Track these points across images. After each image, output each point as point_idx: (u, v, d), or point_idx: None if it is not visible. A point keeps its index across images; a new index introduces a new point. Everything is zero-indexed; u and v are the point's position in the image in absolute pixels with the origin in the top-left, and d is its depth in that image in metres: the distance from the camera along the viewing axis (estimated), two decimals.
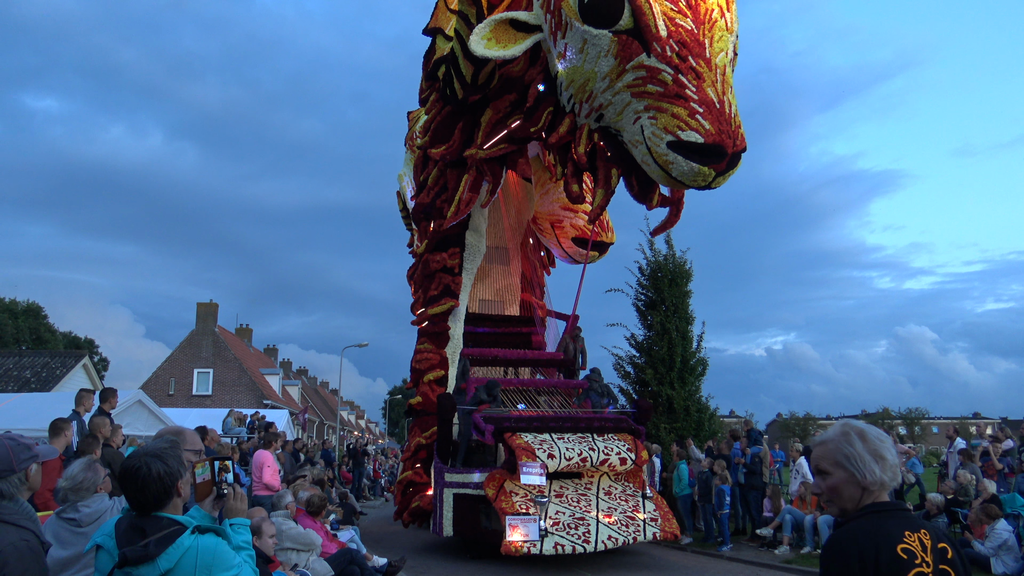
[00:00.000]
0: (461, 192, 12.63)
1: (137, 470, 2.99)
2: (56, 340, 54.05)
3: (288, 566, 7.62)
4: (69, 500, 4.56)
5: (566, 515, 11.11)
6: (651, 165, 9.95)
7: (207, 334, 47.32)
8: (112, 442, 8.62)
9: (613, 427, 12.67)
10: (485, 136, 11.79)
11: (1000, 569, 10.45)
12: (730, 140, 9.57)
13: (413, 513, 13.47)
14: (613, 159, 10.65)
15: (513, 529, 10.48)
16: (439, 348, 13.77)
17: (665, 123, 9.57)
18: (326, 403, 70.83)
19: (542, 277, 18.21)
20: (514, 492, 11.33)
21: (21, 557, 2.91)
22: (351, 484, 24.98)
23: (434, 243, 13.92)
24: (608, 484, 12.21)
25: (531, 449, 11.28)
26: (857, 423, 2.55)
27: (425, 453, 13.48)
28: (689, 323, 23.28)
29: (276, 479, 11.75)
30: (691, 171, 9.54)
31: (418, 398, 13.62)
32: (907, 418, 76.08)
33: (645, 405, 13.62)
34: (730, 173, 9.90)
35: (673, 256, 23.91)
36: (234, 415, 22.89)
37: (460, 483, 12.11)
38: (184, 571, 2.88)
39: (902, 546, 2.25)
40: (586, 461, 11.63)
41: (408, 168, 18.37)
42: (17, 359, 32.44)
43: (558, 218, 16.18)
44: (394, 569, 10.14)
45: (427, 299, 14.10)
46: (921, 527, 2.33)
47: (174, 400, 42.53)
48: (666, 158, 9.61)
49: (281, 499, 9.12)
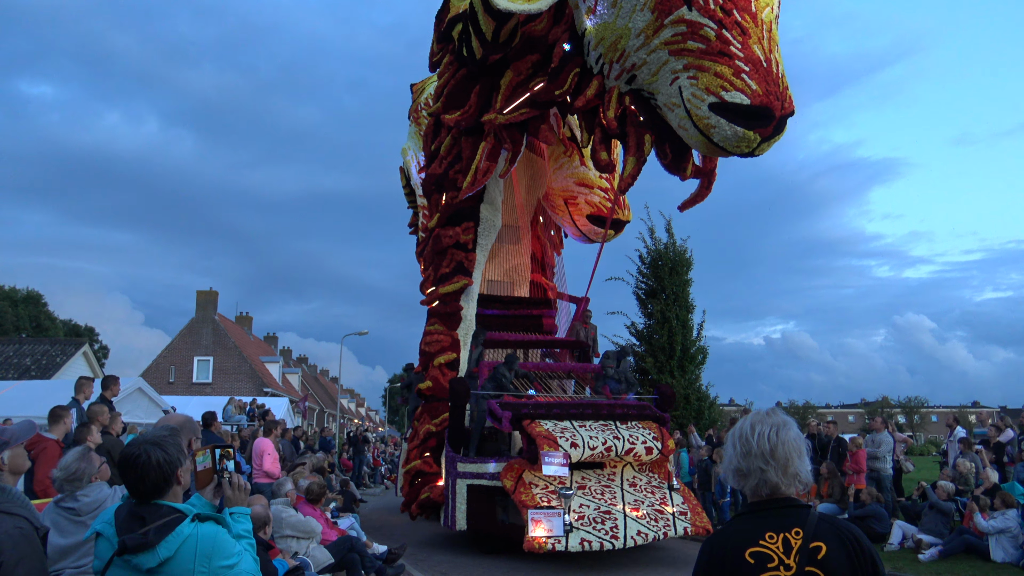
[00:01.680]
0: (478, 161, 11.51)
1: (136, 458, 2.93)
2: (56, 328, 53.56)
3: (288, 553, 7.53)
4: (65, 490, 4.49)
5: (591, 509, 10.10)
6: (689, 130, 8.96)
7: (207, 322, 46.83)
8: (112, 430, 8.49)
9: (636, 414, 11.66)
10: (505, 100, 10.70)
11: (1000, 556, 10.11)
12: (778, 102, 8.62)
13: (422, 505, 12.35)
14: (645, 124, 9.62)
15: (536, 524, 9.47)
16: (450, 330, 12.68)
17: (707, 83, 8.59)
18: (326, 391, 70.01)
19: (552, 258, 17.15)
20: (534, 484, 10.33)
21: (16, 544, 2.84)
22: (351, 472, 24.46)
23: (446, 217, 12.74)
24: (632, 475, 11.22)
25: (552, 438, 10.28)
26: (762, 412, 2.39)
27: (435, 441, 12.39)
28: (689, 311, 23.22)
29: (276, 467, 11.55)
30: (734, 136, 8.58)
31: (428, 383, 12.49)
32: (906, 407, 75.48)
33: (668, 391, 12.56)
34: (775, 139, 8.94)
35: (673, 244, 23.55)
36: (234, 403, 22.54)
37: (474, 473, 11.09)
38: (183, 559, 2.81)
39: (753, 550, 2.14)
40: (611, 450, 10.63)
41: (413, 141, 17.35)
42: (17, 347, 32.02)
43: (572, 194, 15.05)
44: (394, 556, 9.81)
45: (438, 277, 12.96)
46: (795, 526, 2.17)
47: (174, 388, 41.93)
48: (707, 121, 8.63)
49: (281, 487, 8.98)
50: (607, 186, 14.76)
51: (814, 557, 2.11)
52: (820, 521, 2.18)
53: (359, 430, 40.82)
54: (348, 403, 77.33)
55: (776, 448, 2.24)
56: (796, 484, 2.27)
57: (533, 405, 11.40)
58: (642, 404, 12.27)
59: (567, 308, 16.76)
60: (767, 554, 2.13)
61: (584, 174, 14.81)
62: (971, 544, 10.53)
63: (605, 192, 14.76)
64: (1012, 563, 9.95)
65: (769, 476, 2.23)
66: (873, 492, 12.34)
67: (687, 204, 10.81)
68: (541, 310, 15.94)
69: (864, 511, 11.86)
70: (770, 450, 2.24)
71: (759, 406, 38.78)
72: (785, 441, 2.25)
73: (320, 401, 61.03)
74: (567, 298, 16.55)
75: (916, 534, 11.13)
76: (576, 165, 14.87)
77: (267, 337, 60.88)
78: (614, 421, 11.32)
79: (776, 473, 2.22)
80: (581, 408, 11.49)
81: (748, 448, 2.27)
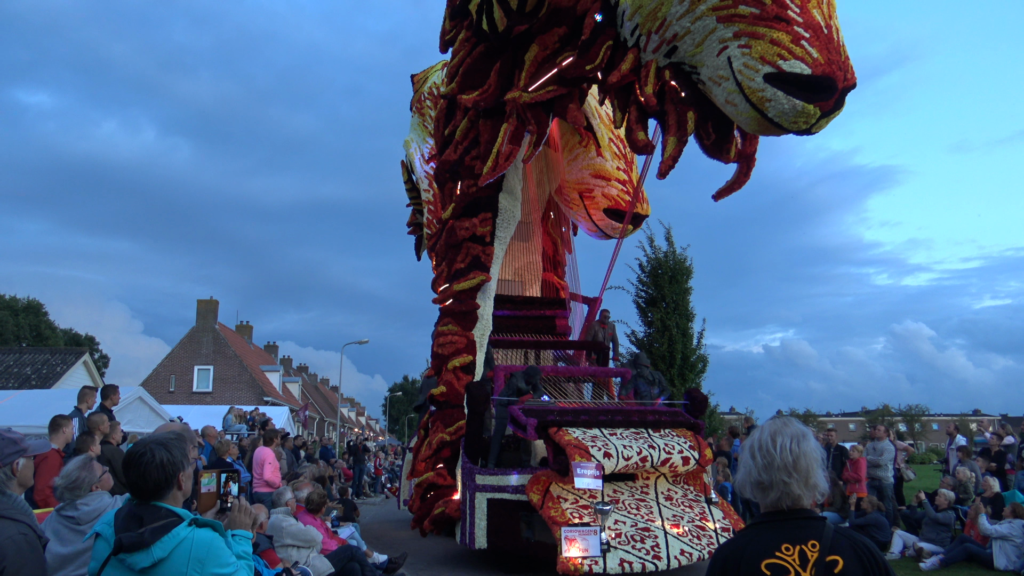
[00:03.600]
0: (499, 144, 10.30)
1: (141, 456, 2.96)
2: (56, 337, 53.13)
3: (289, 563, 7.47)
4: (66, 499, 4.47)
5: (627, 525, 8.92)
6: (739, 105, 7.87)
7: (207, 331, 46.26)
8: (112, 439, 8.35)
9: (670, 421, 10.50)
10: (530, 77, 9.53)
11: (1003, 563, 9.92)
12: (841, 72, 7.57)
13: (436, 521, 11.03)
14: (687, 101, 8.52)
15: (570, 543, 8.27)
16: (465, 330, 11.44)
17: (762, 51, 7.51)
18: (326, 400, 68.85)
19: (564, 256, 16.01)
20: (563, 497, 9.17)
21: (19, 551, 2.80)
22: (352, 481, 23.66)
23: (462, 207, 11.49)
24: (666, 487, 10.06)
25: (584, 447, 9.11)
26: (778, 421, 2.28)
27: (449, 451, 11.14)
28: (689, 320, 23.05)
29: (277, 476, 11.36)
30: (792, 110, 7.51)
31: (441, 388, 11.23)
32: (907, 415, 74.31)
33: (699, 396, 11.35)
34: (834, 115, 7.90)
35: (673, 253, 23.39)
36: (235, 412, 22.18)
37: (495, 486, 9.88)
38: (177, 562, 2.78)
39: (769, 561, 2.08)
40: (646, 461, 9.48)
41: (416, 132, 16.24)
42: (17, 356, 31.86)
43: (588, 187, 13.82)
44: (395, 566, 9.59)
45: (452, 273, 11.71)
46: (811, 538, 2.10)
47: (175, 397, 41.20)
48: (762, 94, 7.54)
49: (281, 496, 8.76)
50: (625, 178, 13.63)
51: (831, 571, 2.06)
52: (836, 534, 2.12)
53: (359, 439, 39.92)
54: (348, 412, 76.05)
55: (799, 459, 2.16)
56: (815, 495, 2.21)
57: (559, 411, 10.24)
58: (674, 410, 11.12)
59: (579, 309, 15.67)
60: (783, 566, 2.07)
61: (601, 165, 13.65)
62: (973, 552, 10.31)
63: (623, 184, 13.61)
64: (1015, 571, 9.70)
65: (792, 488, 2.15)
66: (874, 500, 12.04)
67: (723, 192, 9.67)
68: (554, 310, 14.78)
69: (865, 519, 11.54)
70: (792, 462, 2.16)
71: (760, 415, 38.21)
72: (807, 452, 2.18)
73: (320, 410, 59.97)
74: (580, 299, 15.43)
75: (917, 543, 10.99)
76: (592, 156, 13.69)
77: (267, 346, 59.88)
78: (646, 428, 10.17)
79: (799, 485, 2.16)
80: (611, 415, 10.33)
81: (770, 460, 2.18)
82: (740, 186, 9.53)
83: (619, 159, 13.61)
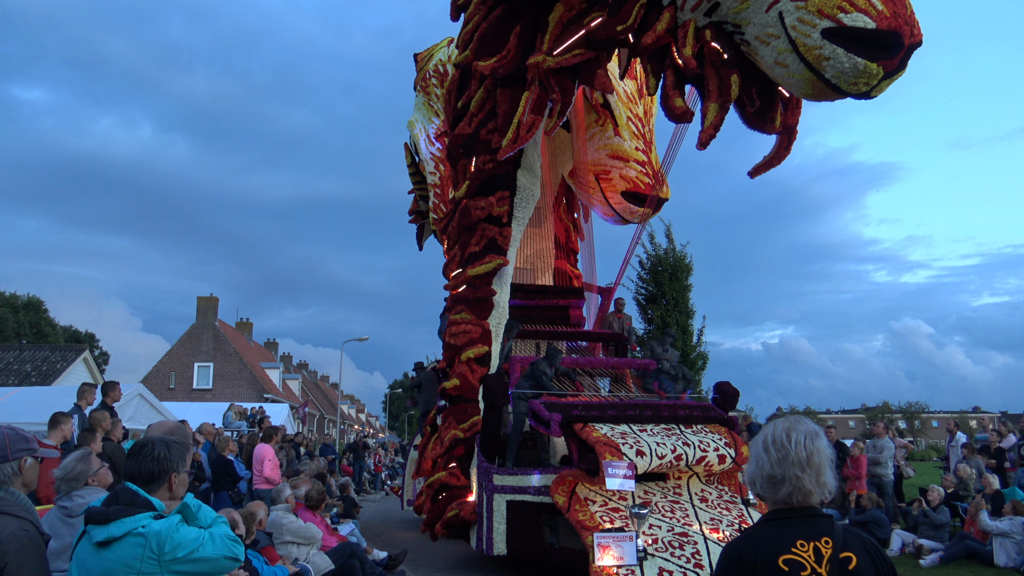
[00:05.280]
0: (520, 114, 9.31)
1: (143, 446, 3.03)
2: (56, 334, 52.27)
3: (289, 560, 7.38)
4: (62, 490, 4.47)
5: (663, 530, 7.96)
6: (791, 66, 6.95)
7: (207, 328, 45.48)
8: (113, 436, 8.32)
9: (702, 416, 9.55)
10: (554, 40, 8.53)
11: (1003, 560, 9.77)
12: (908, 27, 6.66)
13: (448, 524, 9.99)
14: (729, 63, 7.58)
15: (604, 550, 7.30)
16: (480, 318, 10.42)
17: (820, 4, 6.59)
18: (326, 397, 67.88)
19: (576, 243, 15.02)
20: (590, 500, 8.22)
21: (22, 547, 2.81)
22: (352, 477, 22.85)
23: (477, 185, 10.45)
24: (700, 488, 9.10)
25: (615, 444, 8.16)
26: (792, 417, 2.27)
27: (463, 449, 10.13)
28: (689, 317, 22.91)
29: (277, 473, 11.21)
30: (853, 69, 6.60)
31: (454, 380, 10.23)
32: (907, 412, 73.51)
33: (730, 389, 10.38)
34: (896, 76, 6.97)
35: (673, 250, 23.06)
36: (235, 409, 21.95)
37: (515, 487, 8.91)
38: (131, 544, 2.74)
39: (786, 557, 2.07)
40: (681, 459, 8.53)
41: (421, 112, 15.26)
42: (18, 353, 31.44)
43: (604, 169, 12.77)
44: (395, 563, 9.36)
45: (466, 257, 10.69)
46: (824, 535, 2.10)
47: (174, 394, 40.44)
48: (819, 52, 6.63)
49: (280, 493, 8.58)
50: (644, 159, 12.62)
51: (845, 567, 2.06)
52: (846, 532, 2.14)
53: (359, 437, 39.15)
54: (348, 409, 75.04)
55: (812, 455, 2.15)
56: (825, 493, 2.18)
57: (583, 406, 9.27)
58: (705, 404, 10.17)
59: (592, 299, 14.74)
60: (800, 562, 2.05)
61: (618, 145, 12.61)
62: (972, 549, 10.17)
63: (642, 166, 12.58)
64: (1015, 568, 9.55)
65: (804, 484, 2.14)
66: (874, 497, 11.89)
67: (761, 168, 8.72)
68: (568, 300, 13.76)
69: (865, 516, 11.37)
70: (807, 457, 2.15)
71: (759, 412, 38.16)
72: (820, 449, 2.17)
73: (320, 407, 59.03)
74: (596, 289, 14.47)
75: (917, 540, 10.86)
76: (609, 135, 12.65)
77: (267, 343, 58.96)
78: (677, 424, 9.23)
79: (810, 481, 2.15)
80: (639, 409, 9.36)
81: (784, 454, 2.16)
82: (780, 160, 8.59)
83: (638, 139, 12.61)
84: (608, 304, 14.20)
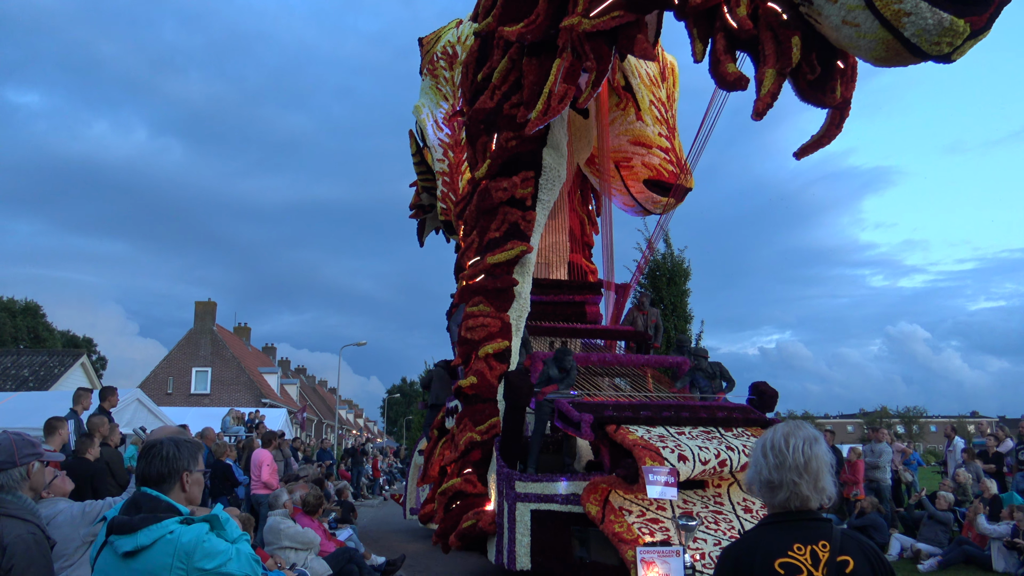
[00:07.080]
0: (552, 83, 8.26)
1: (152, 446, 2.94)
2: (54, 339, 51.48)
3: (287, 565, 7.33)
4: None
5: (709, 543, 7.00)
6: (863, 25, 6.04)
7: (205, 333, 44.72)
8: (111, 441, 8.25)
9: (742, 418, 8.60)
10: (589, 1, 7.67)
11: (1001, 565, 9.63)
12: None
13: (464, 535, 8.82)
14: (789, 24, 6.67)
15: (648, 566, 6.31)
16: (500, 311, 9.37)
17: None
18: (324, 402, 66.79)
19: (591, 236, 14.08)
20: (626, 509, 7.25)
21: (28, 550, 2.81)
22: (349, 482, 22.31)
23: (498, 164, 9.42)
24: (741, 497, 8.14)
25: (654, 448, 7.20)
26: (791, 423, 2.27)
27: (479, 454, 9.07)
28: (687, 322, 22.27)
29: (275, 478, 11.10)
30: (937, 26, 5.72)
31: (471, 379, 9.14)
32: (905, 417, 72.76)
33: (768, 390, 9.43)
34: (981, 37, 6.09)
35: (671, 254, 22.65)
36: (233, 414, 21.84)
37: (540, 495, 7.90)
38: (161, 553, 2.62)
39: (783, 560, 2.04)
40: (725, 465, 7.57)
41: (428, 97, 14.39)
42: (15, 358, 30.77)
43: (626, 155, 11.85)
44: (392, 568, 9.29)
45: (484, 244, 9.67)
46: (821, 538, 2.07)
47: (172, 399, 39.80)
48: (899, 7, 5.73)
49: (278, 498, 8.53)
50: (668, 145, 11.66)
51: (842, 571, 2.04)
52: (844, 535, 2.12)
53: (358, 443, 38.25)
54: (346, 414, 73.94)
55: (810, 461, 2.14)
56: (823, 498, 2.17)
57: (615, 405, 8.31)
58: (744, 407, 9.22)
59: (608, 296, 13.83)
60: (796, 565, 2.04)
61: (641, 131, 11.69)
62: (971, 554, 10.05)
63: (666, 153, 11.65)
64: (1013, 573, 9.47)
65: (801, 489, 2.12)
66: (873, 501, 11.74)
67: (808, 148, 7.83)
68: (584, 295, 12.80)
69: (863, 521, 11.14)
70: (804, 463, 2.13)
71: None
72: (818, 455, 2.16)
73: (318, 412, 58.00)
74: (613, 286, 13.52)
75: (915, 544, 10.74)
76: (631, 120, 11.71)
77: (265, 348, 58.02)
78: (716, 427, 8.28)
79: (808, 487, 2.12)
80: (675, 410, 8.40)
81: (782, 460, 2.14)
82: (831, 139, 7.70)
83: (661, 124, 11.68)
84: (624, 302, 13.30)
